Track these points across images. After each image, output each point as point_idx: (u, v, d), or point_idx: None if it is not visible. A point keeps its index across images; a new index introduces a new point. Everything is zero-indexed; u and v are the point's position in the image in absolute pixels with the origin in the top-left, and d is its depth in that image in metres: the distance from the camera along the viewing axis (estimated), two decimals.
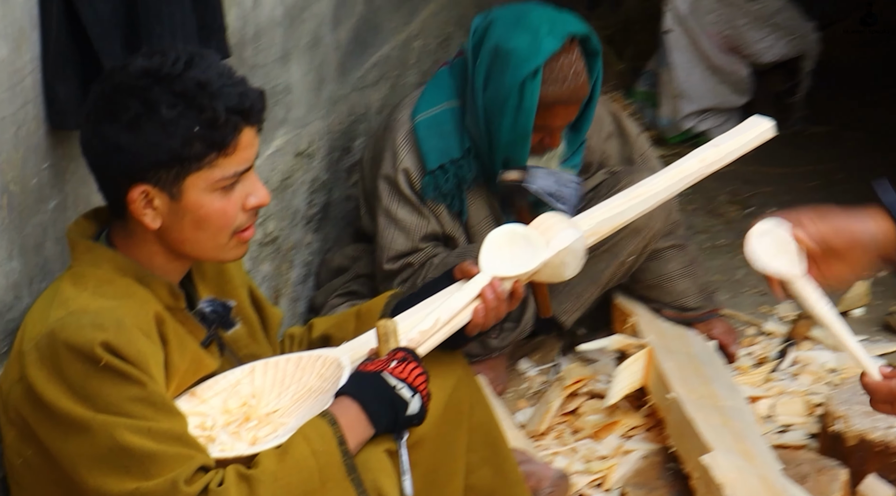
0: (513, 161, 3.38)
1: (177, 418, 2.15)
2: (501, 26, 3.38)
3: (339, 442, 2.18)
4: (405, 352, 2.29)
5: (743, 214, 4.83)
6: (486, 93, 3.37)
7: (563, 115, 3.40)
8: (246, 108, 2.20)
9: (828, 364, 3.76)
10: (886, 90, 5.96)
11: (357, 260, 3.62)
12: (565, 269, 2.51)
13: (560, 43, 3.31)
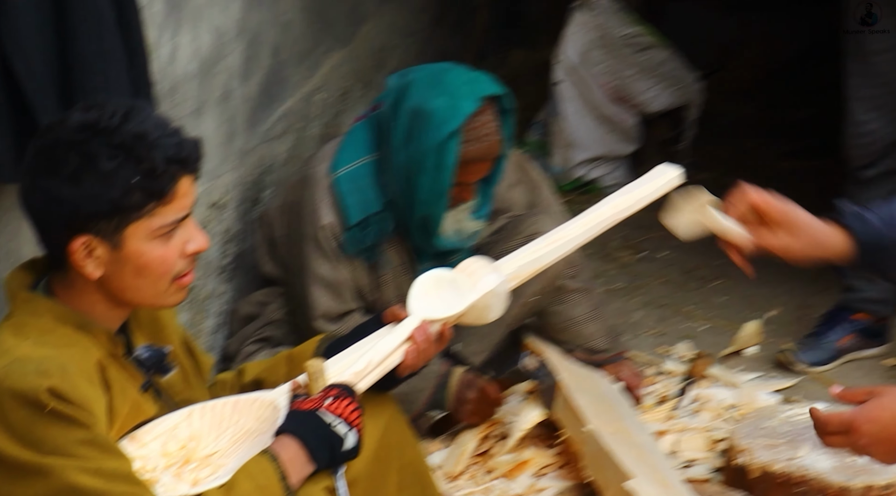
0: (430, 218, 3.47)
1: (123, 459, 2.21)
2: (420, 87, 3.48)
3: (281, 477, 2.25)
4: (339, 388, 2.37)
5: (636, 258, 4.99)
6: (406, 152, 3.46)
7: (479, 172, 3.52)
8: (183, 157, 2.28)
9: (726, 401, 3.90)
10: (764, 137, 6.20)
11: (266, 305, 3.68)
12: (490, 312, 2.62)
13: (477, 104, 3.41)
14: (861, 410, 2.39)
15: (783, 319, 4.50)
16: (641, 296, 4.68)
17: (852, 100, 4.10)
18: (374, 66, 5.04)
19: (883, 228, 2.52)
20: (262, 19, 3.89)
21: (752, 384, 4.01)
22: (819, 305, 4.49)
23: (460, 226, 3.56)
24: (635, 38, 5.50)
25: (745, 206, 2.58)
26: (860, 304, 4.22)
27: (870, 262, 2.53)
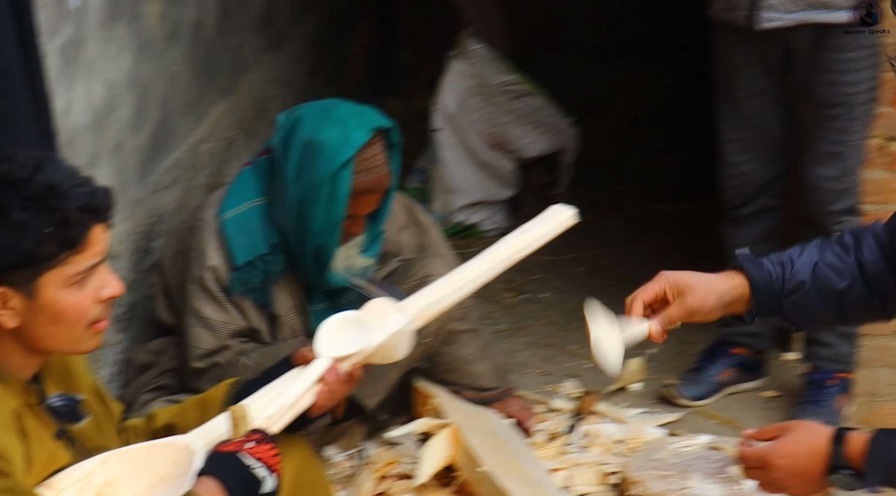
0: (324, 250, 3.52)
1: None
2: (310, 121, 3.54)
3: None
4: (260, 433, 2.41)
5: (519, 300, 5.10)
6: (298, 184, 3.51)
7: (369, 203, 3.58)
8: (95, 206, 2.31)
9: (614, 435, 4.00)
10: (636, 180, 6.37)
11: (162, 354, 3.69)
12: (397, 351, 2.68)
13: (368, 135, 3.49)
14: (774, 446, 2.51)
15: (664, 356, 4.63)
16: (526, 337, 4.78)
17: (726, 142, 4.26)
18: (255, 116, 5.09)
19: (773, 270, 2.64)
20: (150, 71, 3.92)
21: (639, 419, 4.13)
22: (698, 342, 4.64)
23: (350, 261, 3.62)
24: (511, 86, 5.64)
25: (641, 306, 2.66)
26: (738, 339, 4.37)
27: (766, 306, 2.65)
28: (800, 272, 2.64)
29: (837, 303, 2.65)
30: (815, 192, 4.11)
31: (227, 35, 4.71)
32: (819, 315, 2.68)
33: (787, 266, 2.64)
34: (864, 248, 2.65)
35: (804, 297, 2.64)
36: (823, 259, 2.65)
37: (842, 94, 4.00)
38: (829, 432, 2.52)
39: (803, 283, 2.63)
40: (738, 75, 4.15)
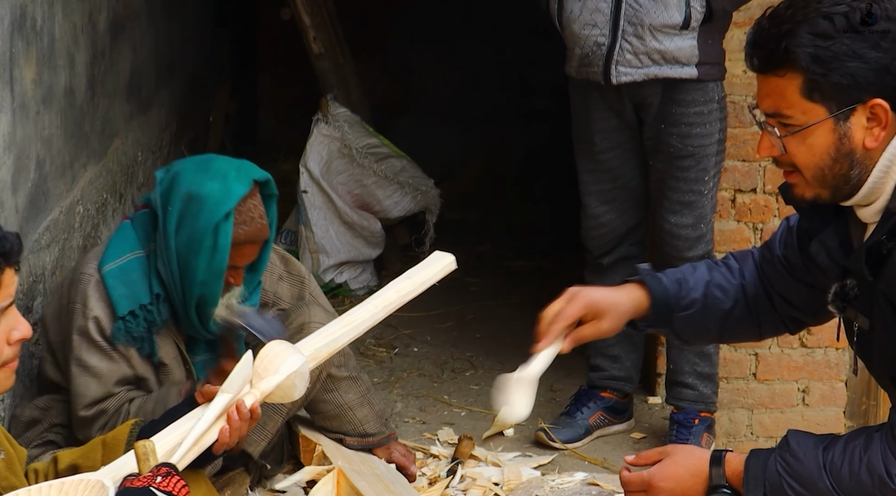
0: (206, 300, 3.61)
1: None
2: (190, 174, 3.62)
3: None
4: (167, 467, 2.48)
5: (391, 355, 5.23)
6: (179, 236, 3.58)
7: (249, 254, 3.65)
8: (6, 251, 2.39)
9: (493, 478, 4.14)
10: (494, 240, 6.57)
11: (48, 410, 3.72)
12: (294, 391, 2.78)
13: (248, 187, 3.58)
14: (656, 470, 2.69)
15: (535, 403, 4.77)
16: (400, 389, 4.90)
17: (586, 195, 4.46)
18: (125, 181, 5.16)
19: (670, 286, 2.82)
20: (27, 134, 3.97)
21: (514, 461, 4.27)
22: (566, 389, 4.82)
23: (231, 311, 3.69)
24: (374, 148, 5.80)
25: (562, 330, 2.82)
26: (605, 382, 4.55)
27: (660, 318, 2.82)
28: (693, 291, 2.82)
29: (721, 322, 2.84)
30: (672, 239, 4.33)
31: (97, 100, 4.78)
32: (703, 331, 2.86)
33: (682, 284, 2.83)
34: (745, 271, 2.85)
35: (693, 315, 2.82)
36: (713, 279, 2.84)
37: (692, 146, 4.24)
38: (706, 454, 2.70)
39: (695, 302, 2.82)
40: (596, 130, 4.36)
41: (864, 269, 2.45)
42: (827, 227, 2.57)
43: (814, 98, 2.42)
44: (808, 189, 2.50)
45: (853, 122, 2.43)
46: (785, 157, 2.48)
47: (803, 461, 2.55)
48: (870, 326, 2.52)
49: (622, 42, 4.13)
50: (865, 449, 2.50)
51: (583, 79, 4.31)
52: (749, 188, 4.74)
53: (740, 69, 4.63)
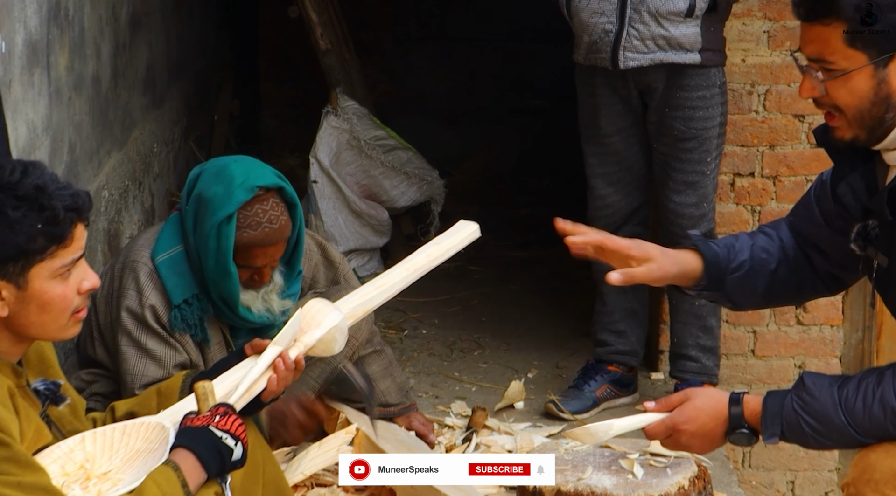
0: (225, 295, 3.75)
1: (40, 472, 2.44)
2: (206, 177, 3.78)
3: (182, 484, 2.53)
4: (225, 406, 2.67)
5: (402, 336, 5.41)
6: (195, 236, 3.75)
7: (263, 256, 3.77)
8: (79, 206, 2.57)
9: (506, 445, 4.32)
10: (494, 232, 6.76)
11: (92, 383, 3.88)
12: (335, 344, 2.97)
13: (250, 194, 3.68)
14: (677, 413, 2.88)
15: (541, 379, 4.99)
16: (412, 367, 5.09)
17: (593, 177, 4.66)
18: (143, 169, 5.34)
19: (720, 250, 3.00)
20: (61, 118, 4.15)
21: (526, 431, 4.46)
22: (571, 366, 5.01)
23: (269, 305, 3.85)
24: (381, 140, 5.99)
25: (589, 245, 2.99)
26: (612, 357, 4.74)
27: (713, 281, 2.99)
28: (740, 253, 3.00)
29: (767, 283, 3.02)
30: (676, 217, 4.53)
31: (119, 90, 4.96)
32: (751, 292, 3.03)
33: (730, 248, 3.00)
34: (781, 235, 3.04)
35: (744, 276, 3.00)
36: (756, 243, 3.02)
37: (695, 129, 4.44)
38: (725, 397, 2.89)
39: (744, 263, 3.00)
40: (602, 115, 4.56)
41: (885, 210, 2.65)
42: (854, 171, 2.77)
43: (856, 45, 2.61)
44: (849, 130, 2.69)
45: (891, 68, 2.62)
46: (826, 98, 2.67)
47: (819, 398, 2.74)
48: (888, 264, 2.71)
49: (629, 29, 4.33)
50: (878, 385, 2.69)
51: (590, 65, 4.50)
52: (747, 172, 4.95)
53: (739, 58, 4.86)
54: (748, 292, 3.04)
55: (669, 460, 3.84)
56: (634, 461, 3.81)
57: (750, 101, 4.91)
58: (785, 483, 5.12)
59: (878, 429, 2.69)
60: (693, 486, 3.76)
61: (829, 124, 2.73)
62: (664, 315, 4.90)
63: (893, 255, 2.70)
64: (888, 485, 2.64)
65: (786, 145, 4.92)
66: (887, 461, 2.66)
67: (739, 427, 2.84)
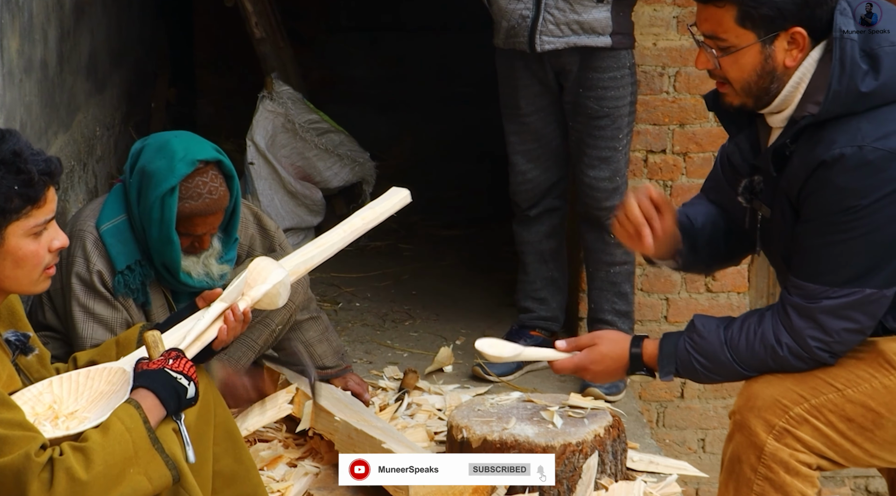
0: (167, 262, 4.03)
1: (16, 409, 2.71)
2: (149, 152, 4.05)
3: (144, 420, 2.80)
4: (176, 351, 2.95)
5: (336, 309, 5.71)
6: (139, 207, 4.02)
7: (203, 225, 4.05)
8: (52, 170, 2.84)
9: (436, 404, 4.63)
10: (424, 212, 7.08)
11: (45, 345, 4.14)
12: (279, 299, 3.26)
13: (191, 168, 3.95)
14: (585, 355, 3.21)
15: (468, 346, 5.30)
16: (347, 336, 5.38)
17: (514, 154, 4.98)
18: (87, 151, 5.58)
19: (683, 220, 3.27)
20: (13, 98, 4.40)
21: (455, 392, 4.77)
22: (496, 334, 5.30)
23: (208, 269, 4.14)
24: (315, 123, 6.27)
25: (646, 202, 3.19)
26: (534, 322, 5.07)
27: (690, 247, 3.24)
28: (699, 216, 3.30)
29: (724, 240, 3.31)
30: (592, 191, 4.86)
31: (64, 75, 5.21)
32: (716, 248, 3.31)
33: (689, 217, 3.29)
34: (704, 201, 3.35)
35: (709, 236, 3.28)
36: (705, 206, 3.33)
37: (608, 108, 4.77)
38: (628, 341, 3.22)
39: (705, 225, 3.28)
40: (521, 96, 4.88)
41: (770, 167, 2.98)
42: (740, 132, 3.10)
43: (745, 25, 2.94)
44: (737, 98, 3.02)
45: (776, 45, 2.95)
46: (718, 71, 3.00)
47: (707, 339, 3.08)
48: (771, 215, 3.05)
49: (545, 14, 4.65)
50: (759, 324, 3.03)
51: (509, 49, 4.82)
52: (659, 149, 5.30)
53: (650, 42, 5.20)
54: (716, 254, 3.32)
55: (586, 412, 4.18)
56: (554, 412, 4.14)
57: (661, 82, 5.25)
58: (696, 441, 5.48)
59: (759, 364, 3.03)
60: (608, 434, 4.11)
61: (719, 91, 3.06)
62: (582, 284, 5.22)
63: (775, 207, 3.03)
64: (768, 411, 2.98)
65: (695, 124, 5.27)
66: (767, 390, 3.00)
67: (639, 368, 3.18)
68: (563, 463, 3.98)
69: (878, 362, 3.00)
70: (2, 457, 2.63)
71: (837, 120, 2.92)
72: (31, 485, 2.63)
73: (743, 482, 3.00)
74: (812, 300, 2.97)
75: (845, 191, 2.90)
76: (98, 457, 2.70)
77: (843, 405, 2.97)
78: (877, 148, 2.88)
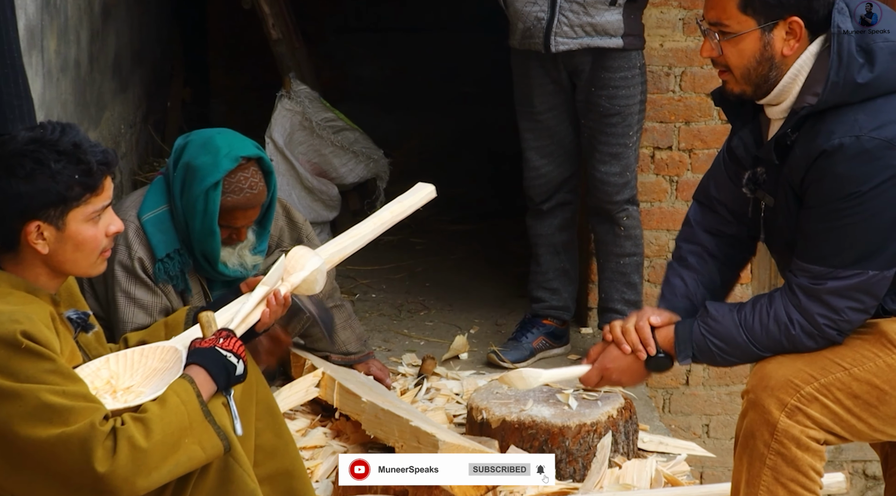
0: (207, 253, 4.24)
1: (81, 383, 2.91)
2: (193, 147, 4.27)
3: (197, 394, 3.00)
4: (227, 331, 3.15)
5: (354, 299, 5.91)
6: (182, 200, 4.24)
7: (243, 218, 4.28)
8: (108, 161, 3.04)
9: (454, 389, 4.84)
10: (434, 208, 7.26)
11: None
12: (316, 285, 3.45)
13: (234, 164, 4.18)
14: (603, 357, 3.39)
15: (482, 334, 5.51)
16: (365, 325, 5.57)
17: (528, 150, 5.19)
18: (113, 148, 5.76)
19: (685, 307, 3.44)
20: (51, 96, 4.61)
21: (471, 377, 4.98)
22: (509, 323, 5.54)
23: (242, 260, 4.35)
24: (331, 121, 6.48)
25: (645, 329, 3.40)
26: (546, 312, 5.28)
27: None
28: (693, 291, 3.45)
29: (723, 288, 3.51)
30: (602, 185, 5.07)
31: (94, 74, 5.42)
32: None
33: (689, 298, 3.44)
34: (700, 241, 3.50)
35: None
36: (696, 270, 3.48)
37: (618, 106, 4.98)
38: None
39: (705, 295, 3.44)
40: (535, 94, 5.09)
41: (772, 157, 3.18)
42: (745, 126, 3.30)
43: (747, 12, 3.14)
44: (737, 85, 3.21)
45: (775, 34, 3.15)
46: (721, 58, 3.19)
47: (721, 322, 3.27)
48: (774, 204, 3.25)
49: (559, 16, 4.86)
50: (770, 305, 3.23)
51: (525, 50, 5.02)
52: (666, 146, 5.51)
53: (657, 43, 5.42)
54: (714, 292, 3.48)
55: (600, 394, 4.40)
56: (570, 395, 4.36)
57: (667, 81, 5.47)
58: (701, 426, 5.69)
59: (774, 344, 3.23)
60: (620, 416, 4.32)
61: (721, 78, 3.26)
62: (593, 275, 5.43)
63: (779, 195, 3.24)
64: (781, 390, 3.18)
65: (700, 121, 5.48)
66: (780, 370, 3.20)
67: (658, 354, 3.37)
68: (579, 442, 4.20)
69: (881, 342, 3.20)
70: (68, 426, 2.83)
71: (836, 111, 3.12)
72: (96, 451, 2.83)
73: (756, 456, 3.20)
74: (818, 282, 3.16)
75: (845, 178, 3.10)
76: (157, 426, 2.90)
77: (850, 383, 3.17)
78: (873, 137, 3.08)
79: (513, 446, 4.20)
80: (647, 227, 5.48)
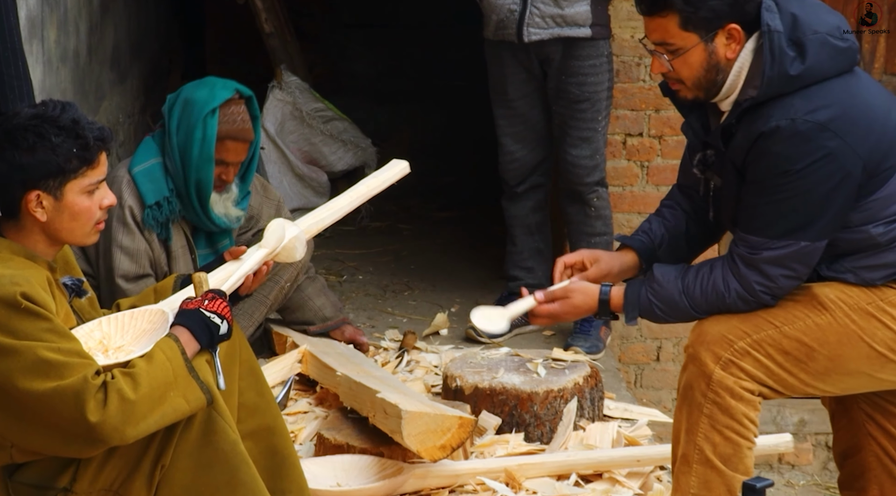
0: (202, 185, 4.54)
1: (75, 340, 3.18)
2: (189, 87, 4.64)
3: (181, 351, 3.27)
4: (213, 292, 3.42)
5: (340, 281, 6.19)
6: (179, 133, 4.55)
7: (234, 152, 4.59)
8: (105, 137, 3.32)
9: (433, 362, 5.12)
10: (420, 196, 7.56)
11: None
12: (296, 252, 3.73)
13: (230, 93, 4.55)
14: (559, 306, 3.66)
15: (462, 313, 5.77)
16: (351, 304, 5.87)
17: (502, 136, 5.46)
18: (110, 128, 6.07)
19: (644, 239, 3.74)
20: (51, 84, 4.89)
21: (450, 351, 5.25)
22: (487, 300, 5.79)
23: (227, 210, 4.65)
24: (321, 112, 6.76)
25: (563, 266, 3.72)
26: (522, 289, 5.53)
27: (650, 260, 3.71)
28: (657, 231, 3.75)
29: (687, 241, 3.77)
30: (573, 168, 5.34)
31: (93, 65, 5.70)
32: (679, 254, 3.76)
33: (648, 232, 3.75)
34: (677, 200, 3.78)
35: (669, 246, 3.74)
36: (664, 217, 3.78)
37: (588, 92, 5.25)
38: (597, 291, 3.68)
39: (664, 236, 3.74)
40: (509, 82, 5.36)
41: (719, 143, 3.46)
42: (692, 113, 3.56)
43: (688, 28, 3.39)
44: (690, 92, 3.46)
45: (717, 42, 3.40)
46: (672, 73, 3.44)
47: (665, 287, 3.54)
48: (722, 184, 3.53)
49: (531, 8, 5.14)
50: (710, 273, 3.50)
51: (498, 40, 5.30)
52: (637, 132, 5.79)
53: (628, 35, 5.69)
54: (679, 256, 3.75)
55: (567, 364, 4.67)
56: (539, 364, 4.63)
57: (638, 71, 5.75)
58: (671, 400, 5.96)
59: (710, 308, 3.50)
60: (586, 383, 4.59)
61: (673, 88, 3.51)
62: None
63: (725, 175, 3.51)
64: (716, 345, 3.45)
65: (669, 109, 5.75)
66: (716, 327, 3.47)
67: (606, 314, 3.64)
68: (547, 407, 4.47)
69: (811, 304, 3.47)
70: (63, 379, 3.10)
71: (774, 99, 3.39)
72: (89, 403, 3.10)
73: (695, 406, 3.48)
74: (755, 251, 3.43)
75: (781, 157, 3.36)
76: (144, 380, 3.17)
77: (780, 340, 3.44)
78: (807, 120, 3.34)
79: (484, 411, 4.47)
80: (620, 210, 5.75)
